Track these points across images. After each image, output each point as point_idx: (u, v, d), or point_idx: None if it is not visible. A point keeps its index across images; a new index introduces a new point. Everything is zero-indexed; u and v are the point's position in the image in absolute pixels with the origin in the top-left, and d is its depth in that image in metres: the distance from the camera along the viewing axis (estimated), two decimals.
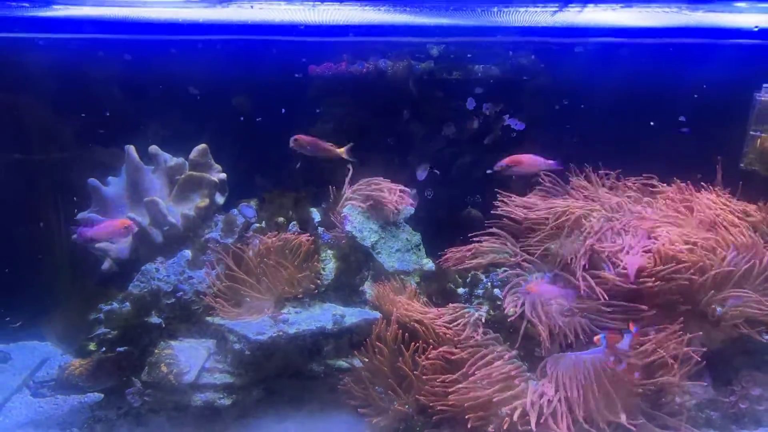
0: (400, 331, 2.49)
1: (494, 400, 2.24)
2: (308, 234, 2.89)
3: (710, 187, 2.81)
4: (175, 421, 2.56)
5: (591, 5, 2.59)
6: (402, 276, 2.94)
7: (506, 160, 2.82)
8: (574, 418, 2.23)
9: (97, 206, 2.97)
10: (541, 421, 2.19)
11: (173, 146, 3.07)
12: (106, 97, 3.38)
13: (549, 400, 2.25)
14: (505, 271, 2.82)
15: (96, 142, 3.38)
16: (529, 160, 2.82)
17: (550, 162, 2.83)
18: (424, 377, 2.37)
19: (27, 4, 2.76)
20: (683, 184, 2.84)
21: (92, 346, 2.68)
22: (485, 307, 2.68)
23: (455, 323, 2.54)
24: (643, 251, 2.44)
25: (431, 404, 2.32)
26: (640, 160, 2.99)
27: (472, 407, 2.25)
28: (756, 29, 2.93)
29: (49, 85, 3.29)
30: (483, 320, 2.56)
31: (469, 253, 2.88)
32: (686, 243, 2.44)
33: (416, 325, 2.51)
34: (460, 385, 2.30)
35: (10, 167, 3.36)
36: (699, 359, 2.34)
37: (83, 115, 3.40)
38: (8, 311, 3.42)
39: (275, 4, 2.64)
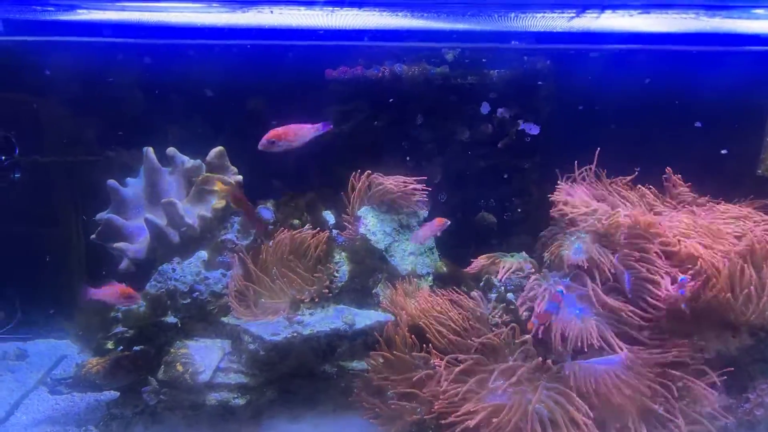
0: (412, 335, 2.50)
1: (506, 406, 2.24)
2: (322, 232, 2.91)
3: None
4: (190, 420, 2.59)
5: (609, 11, 2.59)
6: (415, 279, 2.96)
7: (267, 136, 2.45)
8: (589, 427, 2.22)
9: (115, 207, 3.02)
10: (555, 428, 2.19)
11: (191, 148, 3.11)
12: (126, 100, 3.43)
13: (562, 407, 2.25)
14: (519, 275, 2.83)
15: (115, 144, 3.43)
16: (295, 131, 2.47)
17: (318, 126, 2.50)
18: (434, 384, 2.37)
19: (52, 8, 2.81)
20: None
21: (109, 345, 2.72)
22: (498, 311, 2.69)
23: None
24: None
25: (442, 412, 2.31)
26: (656, 166, 2.98)
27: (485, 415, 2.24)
28: None
29: (71, 88, 3.35)
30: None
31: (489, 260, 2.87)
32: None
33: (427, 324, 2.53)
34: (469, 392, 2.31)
35: (31, 168, 3.41)
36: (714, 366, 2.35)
37: (103, 116, 3.45)
38: (27, 309, 3.47)
39: (294, 9, 2.67)
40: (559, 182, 2.88)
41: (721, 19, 2.66)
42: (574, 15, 2.65)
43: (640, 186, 2.92)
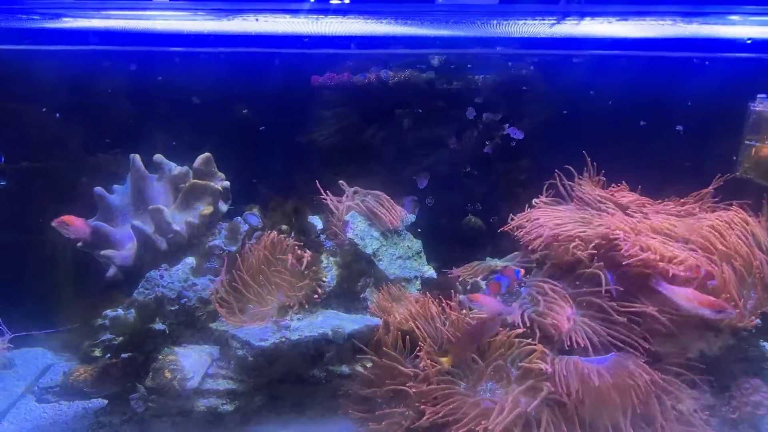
0: (399, 337, 2.52)
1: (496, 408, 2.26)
2: (307, 242, 2.93)
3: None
4: (179, 427, 2.58)
5: (588, 18, 2.65)
6: (403, 283, 2.98)
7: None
8: (572, 426, 2.25)
9: (102, 214, 3.01)
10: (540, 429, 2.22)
11: (178, 155, 3.12)
12: (112, 107, 3.43)
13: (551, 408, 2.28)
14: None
15: (102, 151, 3.43)
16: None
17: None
18: (420, 386, 2.38)
19: (37, 17, 2.81)
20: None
21: (97, 352, 2.70)
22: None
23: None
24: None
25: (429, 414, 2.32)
26: (637, 170, 3.03)
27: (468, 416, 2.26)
28: (749, 42, 2.99)
29: (57, 95, 3.35)
30: None
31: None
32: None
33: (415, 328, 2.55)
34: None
35: (17, 175, 3.40)
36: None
37: (90, 124, 3.45)
38: (13, 318, 3.45)
39: (280, 17, 2.69)
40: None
41: (698, 25, 2.73)
42: (555, 22, 2.70)
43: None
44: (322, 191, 3.10)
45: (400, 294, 2.89)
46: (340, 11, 2.63)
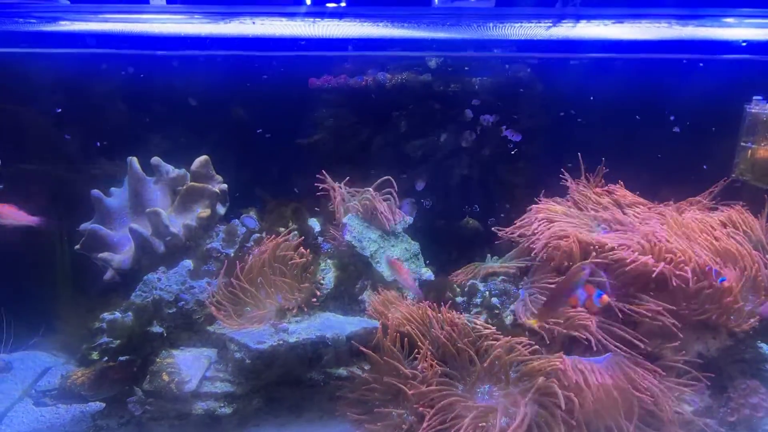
0: (398, 339, 2.53)
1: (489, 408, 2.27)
2: (305, 245, 2.93)
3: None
4: (177, 430, 2.58)
5: (584, 21, 2.66)
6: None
7: None
8: (571, 426, 2.25)
9: (99, 217, 3.01)
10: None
11: (175, 158, 3.12)
12: (110, 110, 3.43)
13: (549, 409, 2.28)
14: (503, 279, 2.87)
15: (99, 154, 3.43)
16: (9, 213, 2.70)
17: (33, 218, 2.71)
18: (419, 387, 2.39)
19: (34, 20, 2.82)
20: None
21: (95, 356, 2.70)
22: (483, 316, 2.72)
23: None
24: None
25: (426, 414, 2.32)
26: (635, 171, 3.04)
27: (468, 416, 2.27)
28: (744, 44, 3.01)
29: (54, 98, 3.35)
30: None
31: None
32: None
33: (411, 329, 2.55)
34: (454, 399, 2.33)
35: (13, 177, 3.39)
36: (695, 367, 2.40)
37: (87, 126, 3.45)
38: (12, 321, 3.45)
39: (276, 20, 2.70)
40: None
41: (694, 27, 2.74)
42: (551, 24, 2.71)
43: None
44: (319, 193, 3.10)
45: (398, 296, 2.89)
46: (337, 14, 2.64)
